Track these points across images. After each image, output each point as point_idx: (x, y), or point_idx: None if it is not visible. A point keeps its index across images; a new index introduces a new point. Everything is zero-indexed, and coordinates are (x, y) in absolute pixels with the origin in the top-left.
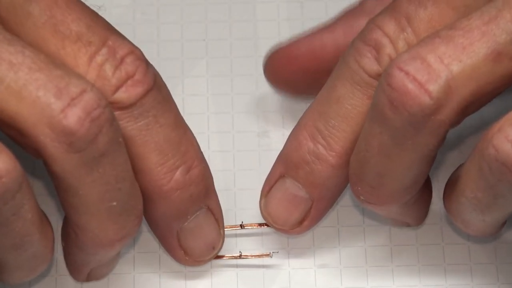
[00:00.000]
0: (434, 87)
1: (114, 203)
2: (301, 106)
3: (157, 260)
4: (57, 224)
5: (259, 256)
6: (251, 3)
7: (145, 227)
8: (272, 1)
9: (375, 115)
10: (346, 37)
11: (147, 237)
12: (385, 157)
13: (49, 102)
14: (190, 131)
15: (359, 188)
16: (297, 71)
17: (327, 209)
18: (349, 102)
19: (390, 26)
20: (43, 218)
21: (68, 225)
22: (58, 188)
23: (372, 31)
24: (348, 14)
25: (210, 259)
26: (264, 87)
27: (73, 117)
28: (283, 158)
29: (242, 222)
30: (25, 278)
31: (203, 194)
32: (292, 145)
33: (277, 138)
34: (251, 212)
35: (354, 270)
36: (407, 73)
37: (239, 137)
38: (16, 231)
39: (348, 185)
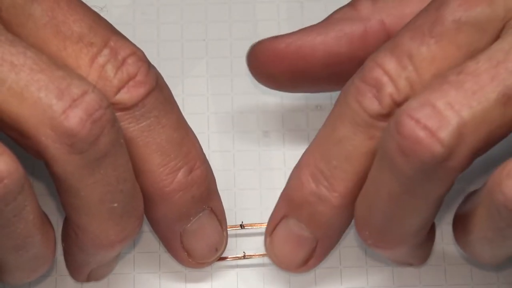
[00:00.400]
0: (445, 135)
1: (115, 204)
2: (301, 106)
3: (157, 260)
4: (57, 225)
5: (263, 255)
6: (251, 3)
7: (145, 227)
8: (272, 1)
9: (384, 162)
10: (337, 43)
11: (147, 237)
12: (395, 203)
13: (51, 103)
14: (192, 131)
15: (366, 233)
16: (281, 68)
17: (332, 246)
18: (350, 143)
19: (391, 64)
20: (45, 219)
21: (68, 225)
22: (59, 189)
23: (372, 70)
24: (343, 18)
25: (213, 261)
26: (264, 87)
27: (74, 119)
28: (285, 198)
29: (242, 222)
30: (26, 279)
31: (206, 195)
32: (294, 186)
33: (277, 138)
34: (251, 212)
35: (354, 270)
36: (417, 121)
37: (239, 137)
38: (18, 232)
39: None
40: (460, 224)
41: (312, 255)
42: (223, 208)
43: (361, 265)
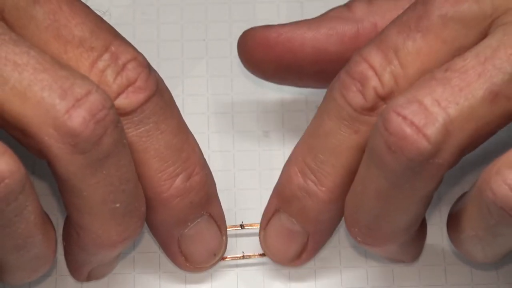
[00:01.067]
0: (432, 131)
1: (118, 205)
2: (301, 106)
3: (157, 260)
4: (58, 224)
5: (261, 255)
6: (251, 3)
7: (146, 227)
8: (272, 1)
9: (372, 159)
10: (328, 41)
11: (147, 237)
12: (383, 200)
13: (54, 103)
14: (193, 137)
15: (356, 230)
16: (269, 58)
17: (324, 240)
18: (336, 137)
19: (376, 58)
20: (46, 219)
21: (70, 225)
22: (61, 188)
23: (357, 64)
24: (336, 16)
25: (211, 266)
26: (264, 87)
27: (78, 118)
28: (276, 193)
29: (242, 222)
30: (27, 279)
31: (204, 201)
32: (284, 181)
33: (277, 138)
34: (251, 212)
35: (354, 270)
36: (404, 117)
37: (239, 137)
38: (19, 232)
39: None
40: (453, 223)
41: (304, 249)
42: (222, 213)
43: (361, 265)
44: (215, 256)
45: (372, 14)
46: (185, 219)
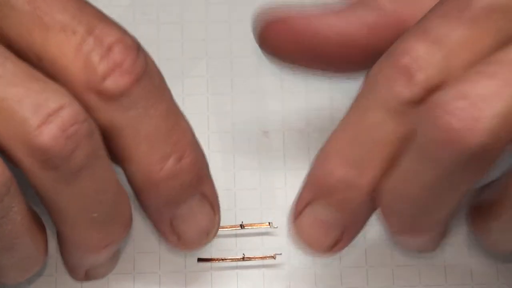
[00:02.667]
0: (482, 126)
1: (95, 214)
2: (301, 106)
3: (157, 260)
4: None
5: (262, 258)
6: (251, 3)
7: (145, 226)
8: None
9: (419, 153)
10: (348, 28)
11: (147, 237)
12: (428, 193)
13: (26, 117)
14: (184, 118)
15: (394, 220)
16: (289, 43)
17: (359, 231)
18: (382, 129)
19: (420, 50)
20: (35, 220)
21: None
22: (39, 199)
23: (402, 56)
24: (363, 4)
25: (204, 244)
26: (264, 87)
27: (48, 135)
28: (312, 184)
29: (242, 222)
30: (19, 278)
31: (195, 182)
32: (322, 172)
33: (277, 138)
34: (251, 212)
35: (354, 270)
36: (453, 114)
37: (239, 137)
38: (6, 234)
39: None
40: (480, 213)
41: (339, 240)
42: (215, 192)
43: (361, 265)
44: (207, 235)
45: (398, 4)
46: (176, 200)
